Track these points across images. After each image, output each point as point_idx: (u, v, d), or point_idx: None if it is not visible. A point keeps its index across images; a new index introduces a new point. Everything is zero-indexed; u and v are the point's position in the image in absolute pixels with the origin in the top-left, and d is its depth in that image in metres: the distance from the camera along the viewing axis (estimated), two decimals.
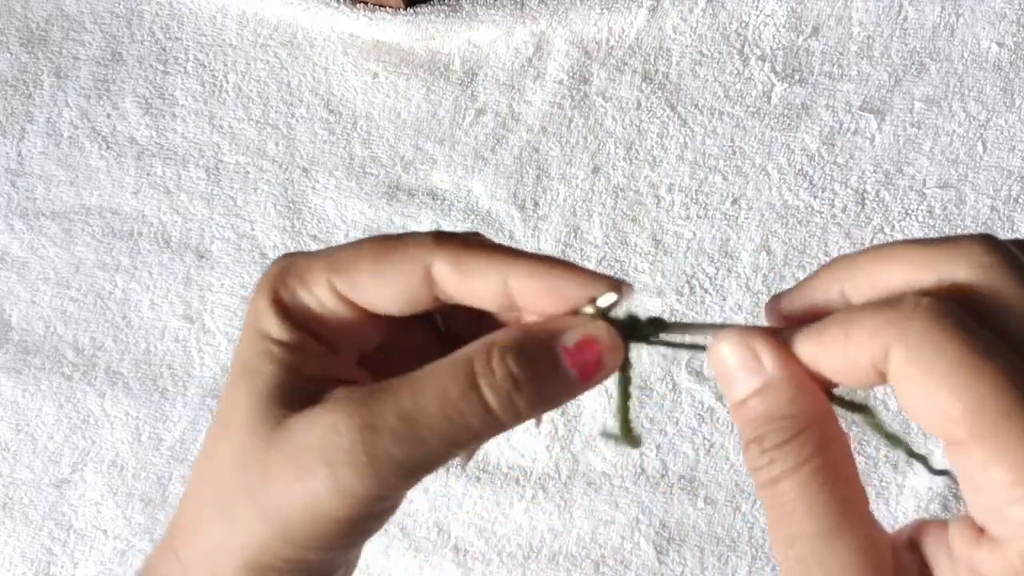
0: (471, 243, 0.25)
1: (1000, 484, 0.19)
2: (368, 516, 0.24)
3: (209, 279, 0.74)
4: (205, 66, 0.80)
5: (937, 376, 0.20)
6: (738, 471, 0.66)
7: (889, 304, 0.21)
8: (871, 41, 0.75)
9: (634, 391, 0.25)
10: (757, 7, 0.76)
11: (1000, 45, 0.73)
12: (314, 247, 0.74)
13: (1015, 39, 0.73)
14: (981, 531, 0.21)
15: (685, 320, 0.70)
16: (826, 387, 0.23)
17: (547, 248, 0.72)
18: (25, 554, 0.69)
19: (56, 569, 0.69)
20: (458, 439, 0.23)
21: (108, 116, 0.79)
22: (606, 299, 0.24)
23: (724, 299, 0.70)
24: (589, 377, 0.24)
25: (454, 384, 0.23)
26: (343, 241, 0.74)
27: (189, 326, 0.73)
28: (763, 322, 0.26)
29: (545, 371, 0.23)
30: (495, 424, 0.23)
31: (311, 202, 0.75)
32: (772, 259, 0.71)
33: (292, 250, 0.77)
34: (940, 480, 0.63)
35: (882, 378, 0.22)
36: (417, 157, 0.76)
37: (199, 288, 0.74)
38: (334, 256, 0.25)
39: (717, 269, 0.71)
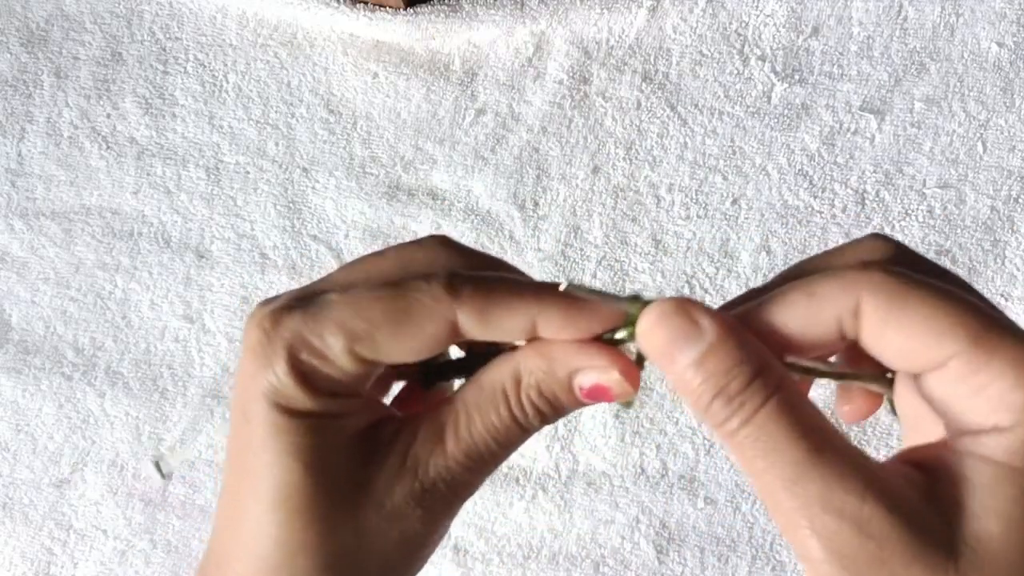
0: (490, 291, 0.25)
1: (999, 375, 0.22)
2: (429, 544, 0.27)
3: (209, 279, 0.74)
4: (205, 66, 0.80)
5: (914, 311, 0.23)
6: (738, 471, 0.66)
7: (853, 268, 0.24)
8: (871, 41, 0.74)
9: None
10: (757, 7, 0.76)
11: (1000, 45, 0.73)
12: (314, 247, 0.74)
13: (1015, 39, 0.73)
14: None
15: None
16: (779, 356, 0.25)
17: (547, 248, 0.72)
18: (25, 554, 0.69)
19: (56, 569, 0.69)
20: (503, 457, 0.27)
21: (108, 116, 0.79)
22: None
23: (724, 299, 0.70)
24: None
25: (496, 416, 0.26)
26: (343, 241, 0.74)
27: (189, 326, 0.73)
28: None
29: (564, 406, 0.27)
30: (528, 435, 0.27)
31: (311, 202, 0.75)
32: (772, 259, 0.71)
33: (291, 250, 0.78)
34: None
35: (841, 337, 0.24)
36: (417, 157, 0.76)
37: (199, 288, 0.74)
38: (344, 322, 0.25)
39: (717, 269, 0.71)
